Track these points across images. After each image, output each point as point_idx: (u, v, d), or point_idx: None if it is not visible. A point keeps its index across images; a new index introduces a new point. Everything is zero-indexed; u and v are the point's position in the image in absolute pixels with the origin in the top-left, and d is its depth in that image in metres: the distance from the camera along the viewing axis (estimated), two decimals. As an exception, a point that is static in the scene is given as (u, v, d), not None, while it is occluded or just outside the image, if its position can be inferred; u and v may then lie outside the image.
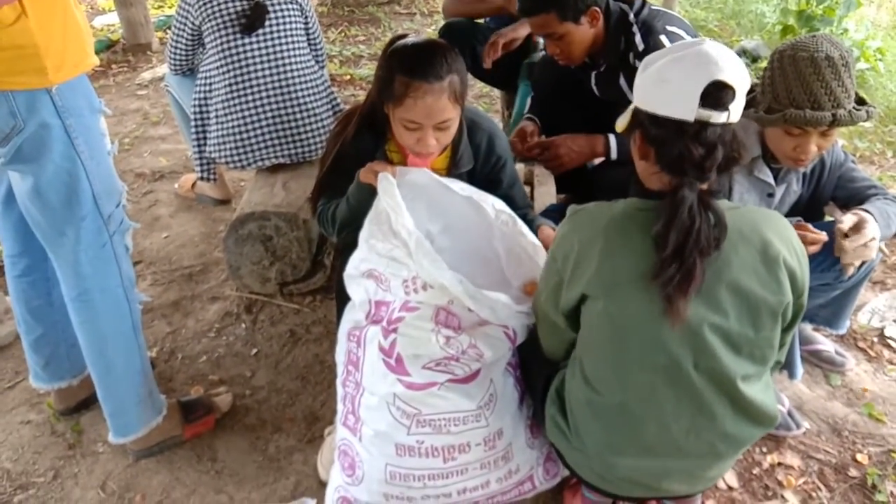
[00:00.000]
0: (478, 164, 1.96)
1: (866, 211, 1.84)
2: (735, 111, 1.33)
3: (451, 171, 1.94)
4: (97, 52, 4.94)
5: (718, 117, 1.30)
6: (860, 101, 1.82)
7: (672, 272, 1.26)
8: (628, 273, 1.33)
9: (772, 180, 1.96)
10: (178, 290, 2.74)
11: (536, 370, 1.72)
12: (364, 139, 1.86)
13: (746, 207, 1.40)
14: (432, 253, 1.52)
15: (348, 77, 4.77)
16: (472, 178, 1.97)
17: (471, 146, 1.93)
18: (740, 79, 1.32)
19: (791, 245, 1.37)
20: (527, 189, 2.62)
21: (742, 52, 4.79)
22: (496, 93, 3.91)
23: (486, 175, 1.98)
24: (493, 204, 1.75)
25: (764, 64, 4.60)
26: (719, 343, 1.34)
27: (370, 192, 1.70)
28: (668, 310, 1.28)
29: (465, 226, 1.77)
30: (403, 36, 1.81)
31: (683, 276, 1.26)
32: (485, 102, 4.38)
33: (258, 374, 2.32)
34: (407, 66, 1.69)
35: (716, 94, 1.29)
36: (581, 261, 1.37)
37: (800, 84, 1.74)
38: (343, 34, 5.65)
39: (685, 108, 1.30)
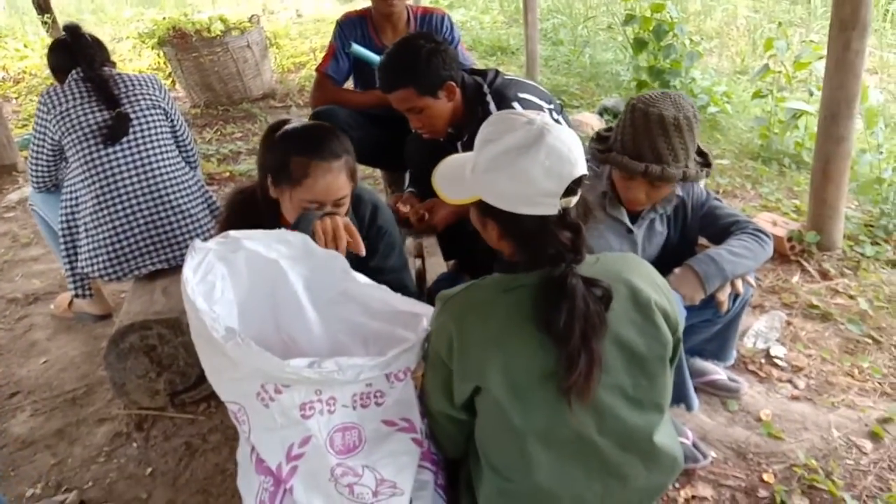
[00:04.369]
0: (363, 235, 1.97)
1: (692, 268, 1.93)
2: None
3: None
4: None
5: (576, 198, 1.33)
6: (701, 154, 1.97)
7: (582, 365, 1.25)
8: (526, 372, 1.31)
9: (626, 219, 2.06)
10: (61, 418, 2.55)
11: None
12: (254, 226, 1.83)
13: (605, 257, 1.41)
14: (252, 345, 1.36)
15: (228, 174, 4.73)
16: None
17: (356, 218, 1.94)
18: (583, 155, 1.34)
19: (655, 284, 1.42)
20: (418, 262, 2.65)
21: (604, 110, 5.09)
22: (378, 173, 3.97)
23: (368, 245, 1.99)
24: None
25: (625, 117, 4.92)
26: (619, 403, 1.35)
27: None
28: (578, 398, 1.28)
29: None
30: (284, 122, 1.81)
31: (588, 363, 1.26)
32: (369, 182, 4.43)
33: (155, 495, 2.16)
34: (303, 147, 1.70)
35: (573, 186, 1.31)
36: (464, 349, 1.34)
37: (631, 135, 1.89)
38: (219, 132, 5.63)
39: (549, 206, 1.30)
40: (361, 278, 1.68)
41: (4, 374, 2.83)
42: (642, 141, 1.87)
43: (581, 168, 1.32)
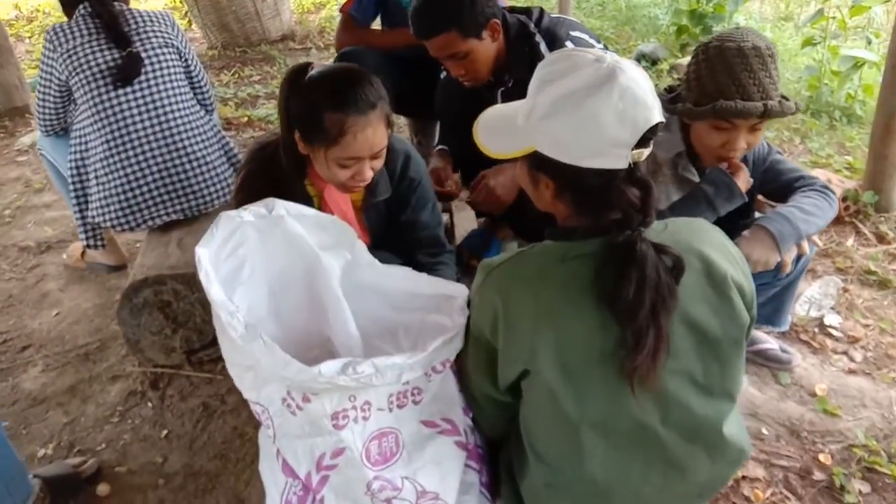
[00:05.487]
0: (393, 188, 1.82)
1: (765, 229, 1.74)
2: None
3: (368, 200, 1.80)
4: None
5: (648, 150, 1.15)
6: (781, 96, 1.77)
7: (650, 343, 1.09)
8: (582, 354, 1.15)
9: (698, 179, 1.88)
10: (73, 374, 2.45)
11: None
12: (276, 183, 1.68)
13: (674, 223, 1.23)
14: (273, 346, 1.21)
15: (246, 119, 4.55)
16: (388, 203, 1.83)
17: (387, 169, 1.78)
18: (658, 99, 1.17)
19: (730, 255, 1.24)
20: (446, 217, 2.48)
21: (641, 56, 4.82)
22: (403, 120, 3.77)
23: (398, 197, 1.85)
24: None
25: (664, 66, 4.65)
26: (688, 391, 1.19)
27: None
28: (641, 383, 1.11)
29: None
30: (306, 66, 1.62)
31: (655, 341, 1.09)
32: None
33: (171, 459, 2.06)
34: (336, 101, 1.51)
35: (648, 135, 1.13)
36: (511, 327, 1.18)
37: (728, 75, 1.68)
38: (237, 75, 5.43)
39: (619, 157, 1.12)
40: (387, 269, 1.56)
41: (16, 326, 2.73)
42: (746, 79, 1.66)
43: (658, 115, 1.13)
